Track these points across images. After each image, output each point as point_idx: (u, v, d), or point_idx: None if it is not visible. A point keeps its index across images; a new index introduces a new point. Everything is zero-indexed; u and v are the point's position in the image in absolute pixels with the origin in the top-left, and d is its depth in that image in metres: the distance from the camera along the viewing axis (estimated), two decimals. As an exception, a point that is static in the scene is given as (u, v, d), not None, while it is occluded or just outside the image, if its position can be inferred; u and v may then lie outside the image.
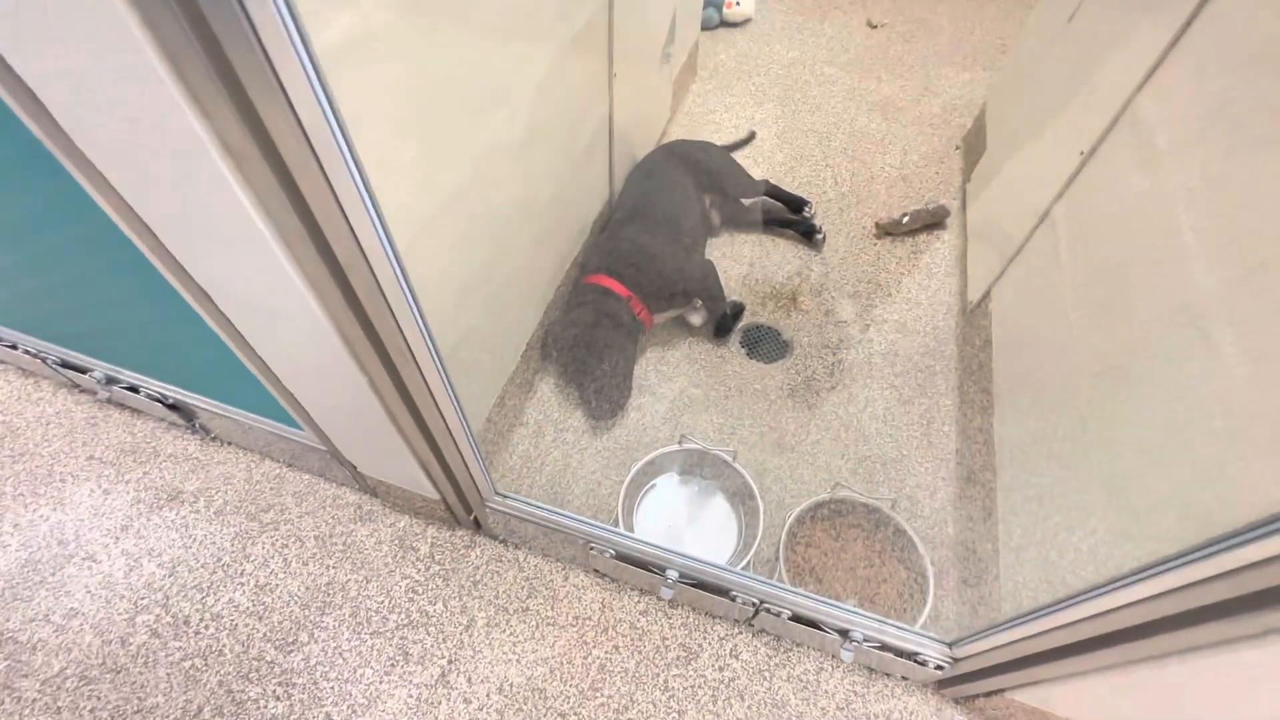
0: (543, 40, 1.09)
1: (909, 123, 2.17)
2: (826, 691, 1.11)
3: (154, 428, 1.42)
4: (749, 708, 1.09)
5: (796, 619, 0.99)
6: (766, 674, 1.12)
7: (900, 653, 0.97)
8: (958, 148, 2.08)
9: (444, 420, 0.89)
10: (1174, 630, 0.62)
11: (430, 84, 0.80)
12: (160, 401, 1.26)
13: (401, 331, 0.69)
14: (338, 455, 1.15)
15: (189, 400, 1.26)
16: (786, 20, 2.60)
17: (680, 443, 1.20)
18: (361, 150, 0.52)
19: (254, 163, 0.50)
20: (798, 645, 1.15)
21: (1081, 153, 1.17)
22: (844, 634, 0.98)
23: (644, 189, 1.63)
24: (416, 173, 0.82)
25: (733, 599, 1.01)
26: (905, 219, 1.78)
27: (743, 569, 1.03)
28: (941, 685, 1.08)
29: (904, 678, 1.09)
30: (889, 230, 1.81)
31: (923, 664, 0.95)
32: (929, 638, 0.95)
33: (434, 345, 0.76)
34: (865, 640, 0.96)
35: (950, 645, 0.94)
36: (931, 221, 1.81)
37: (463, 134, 0.92)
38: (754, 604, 1.00)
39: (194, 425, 1.36)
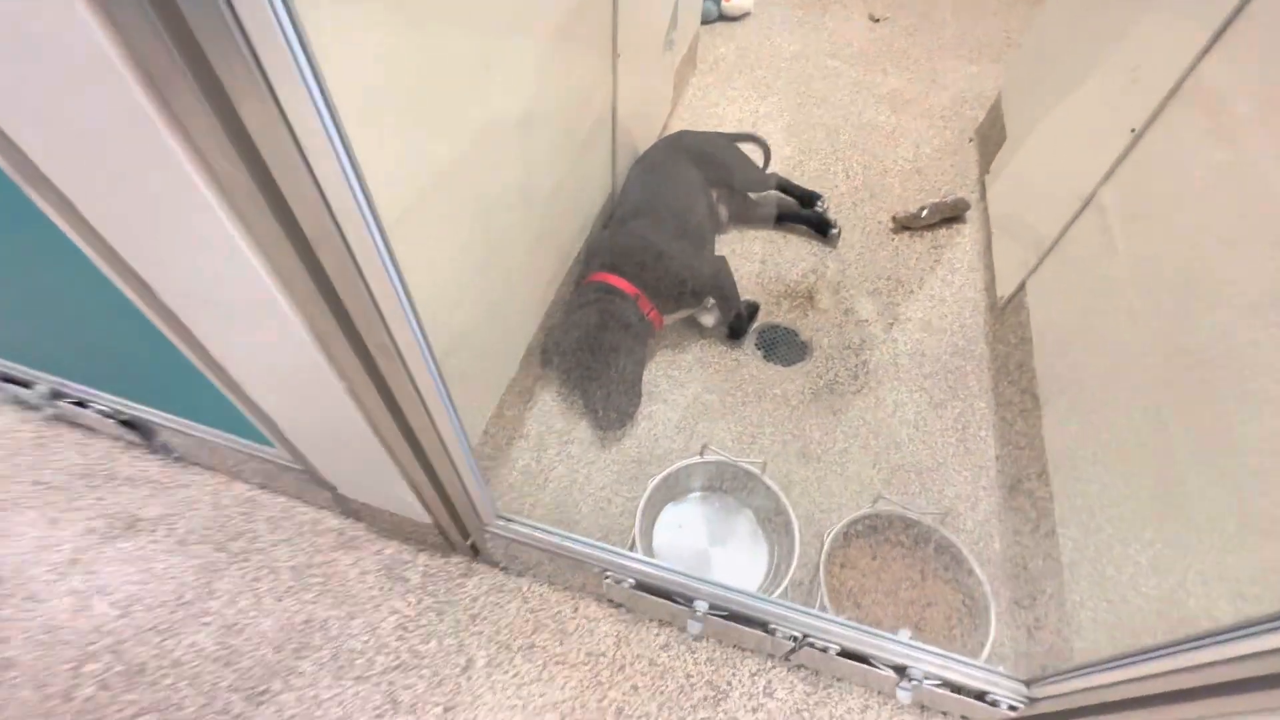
0: (544, 13, 0.97)
1: (918, 115, 2.08)
2: (874, 733, 0.98)
3: (109, 448, 1.27)
4: (788, 754, 0.96)
5: (845, 654, 0.87)
6: (805, 714, 0.99)
7: (966, 691, 0.84)
8: (971, 140, 1.99)
9: (437, 432, 0.76)
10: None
11: (422, 47, 0.68)
12: (112, 418, 1.12)
13: (385, 324, 0.57)
14: (315, 475, 1.01)
15: (145, 416, 1.11)
16: (786, 14, 2.52)
17: (702, 454, 1.08)
18: (339, 100, 0.40)
19: (183, 89, 0.37)
20: (839, 680, 1.02)
21: (1132, 130, 1.07)
22: (900, 671, 0.85)
23: (648, 182, 1.52)
24: (405, 138, 0.70)
25: (771, 632, 0.88)
26: (924, 212, 1.68)
27: (779, 596, 0.91)
28: (1003, 724, 0.95)
29: (963, 717, 0.97)
30: (907, 224, 1.71)
31: (992, 704, 0.83)
32: (1003, 676, 0.83)
33: (425, 341, 0.63)
34: (926, 678, 0.83)
35: (1028, 684, 0.82)
36: (951, 215, 1.72)
37: (458, 102, 0.79)
38: (795, 638, 0.87)
39: (154, 444, 1.22)
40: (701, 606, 0.89)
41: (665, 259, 1.34)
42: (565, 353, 1.29)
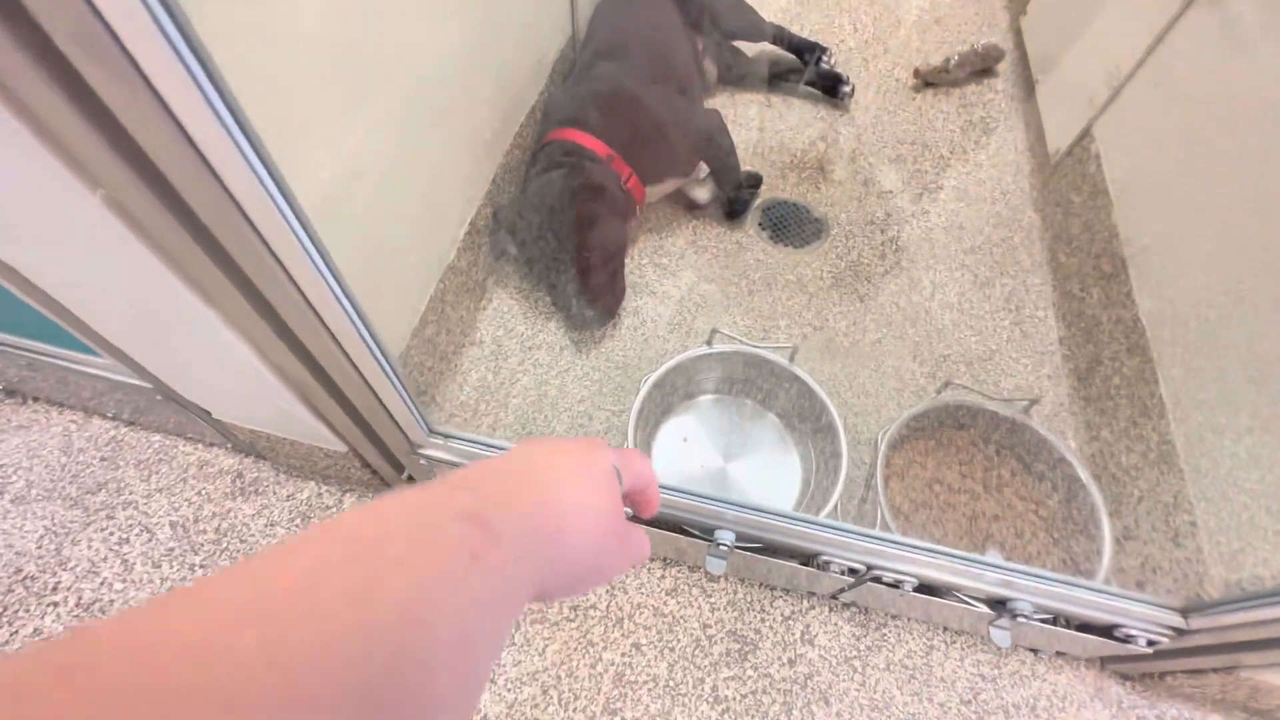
0: None
1: (932, -40, 1.75)
2: (944, 679, 0.77)
3: (-81, 385, 0.95)
4: (838, 714, 0.74)
5: (924, 589, 0.64)
6: (857, 663, 0.78)
7: (1091, 627, 0.63)
8: (997, -16, 1.68)
9: (329, 331, 0.48)
10: None
11: None
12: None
13: (221, 181, 0.28)
14: (173, 396, 0.72)
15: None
16: None
17: (710, 343, 0.82)
18: None
19: None
20: (894, 618, 0.81)
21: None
22: (999, 605, 0.63)
23: (619, 21, 1.19)
24: None
25: (821, 566, 0.64)
26: (952, 63, 1.39)
27: (827, 518, 0.67)
28: (1108, 661, 0.75)
29: (1059, 653, 0.76)
30: (932, 79, 1.42)
31: (1124, 640, 0.61)
32: (1151, 604, 0.61)
33: (283, 190, 0.34)
34: (1035, 613, 0.61)
35: (1184, 614, 0.60)
36: (982, 66, 1.43)
37: None
38: (855, 570, 0.64)
39: (-31, 374, 0.90)
40: (726, 538, 0.65)
41: (645, 108, 1.04)
42: (523, 235, 1.00)
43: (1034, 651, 0.78)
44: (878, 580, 0.64)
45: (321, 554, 0.18)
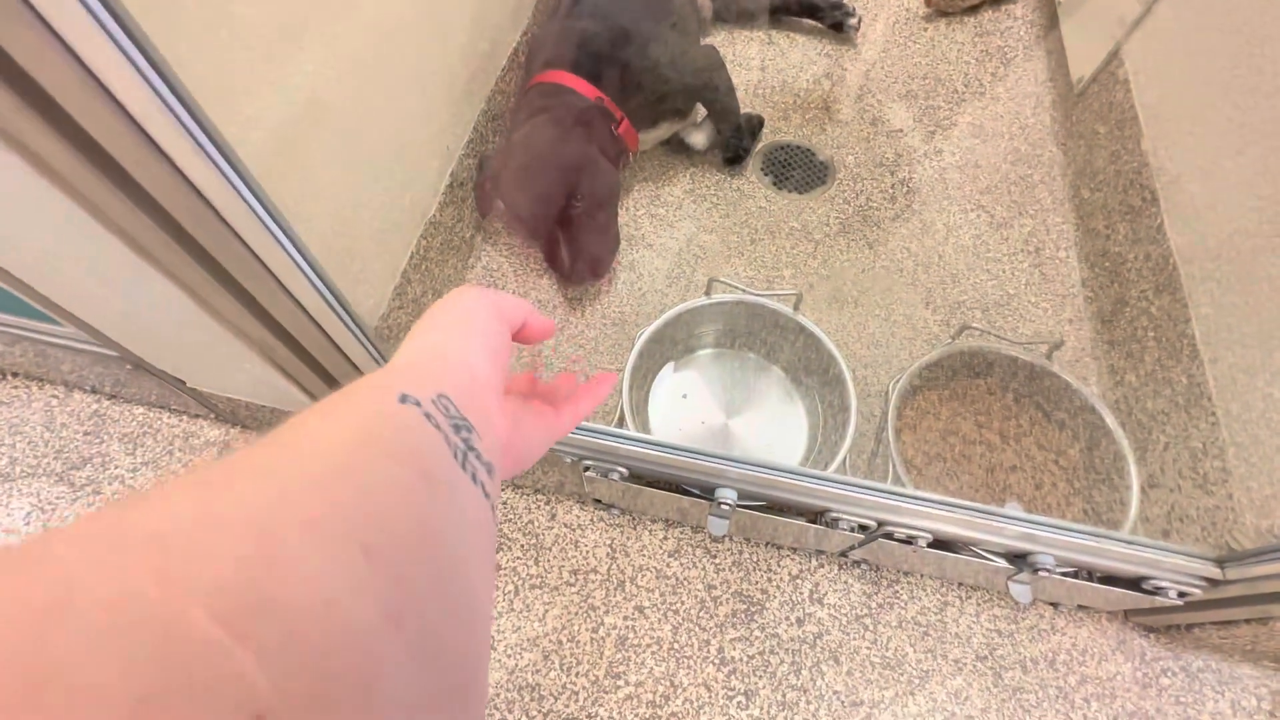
0: None
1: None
2: (958, 635, 0.75)
3: (-104, 363, 0.92)
4: (849, 673, 0.72)
5: (938, 544, 0.60)
6: (869, 621, 0.75)
7: (1117, 580, 0.59)
8: (1014, -98, 1.55)
9: (275, 279, 0.43)
10: None
11: None
12: None
13: (105, 90, 0.23)
14: (145, 365, 0.69)
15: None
16: None
17: (708, 293, 0.77)
18: None
19: None
20: (906, 575, 0.78)
21: None
22: (1019, 559, 0.59)
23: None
24: None
25: (830, 524, 0.61)
26: (966, -13, 1.30)
27: (835, 473, 0.63)
28: (1132, 613, 0.72)
29: (1080, 606, 0.73)
30: (944, 9, 1.32)
31: (1153, 592, 0.58)
32: (1182, 555, 0.57)
33: (208, 131, 0.30)
34: (1057, 567, 0.57)
35: (1220, 564, 0.56)
36: (999, -9, 1.33)
37: None
38: (866, 527, 0.60)
39: (-58, 350, 0.87)
40: (728, 496, 0.61)
41: (636, 46, 0.97)
42: (509, 186, 0.94)
43: (1053, 605, 0.75)
44: (889, 536, 0.60)
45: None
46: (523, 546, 0.79)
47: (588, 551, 0.79)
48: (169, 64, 0.31)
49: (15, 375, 0.91)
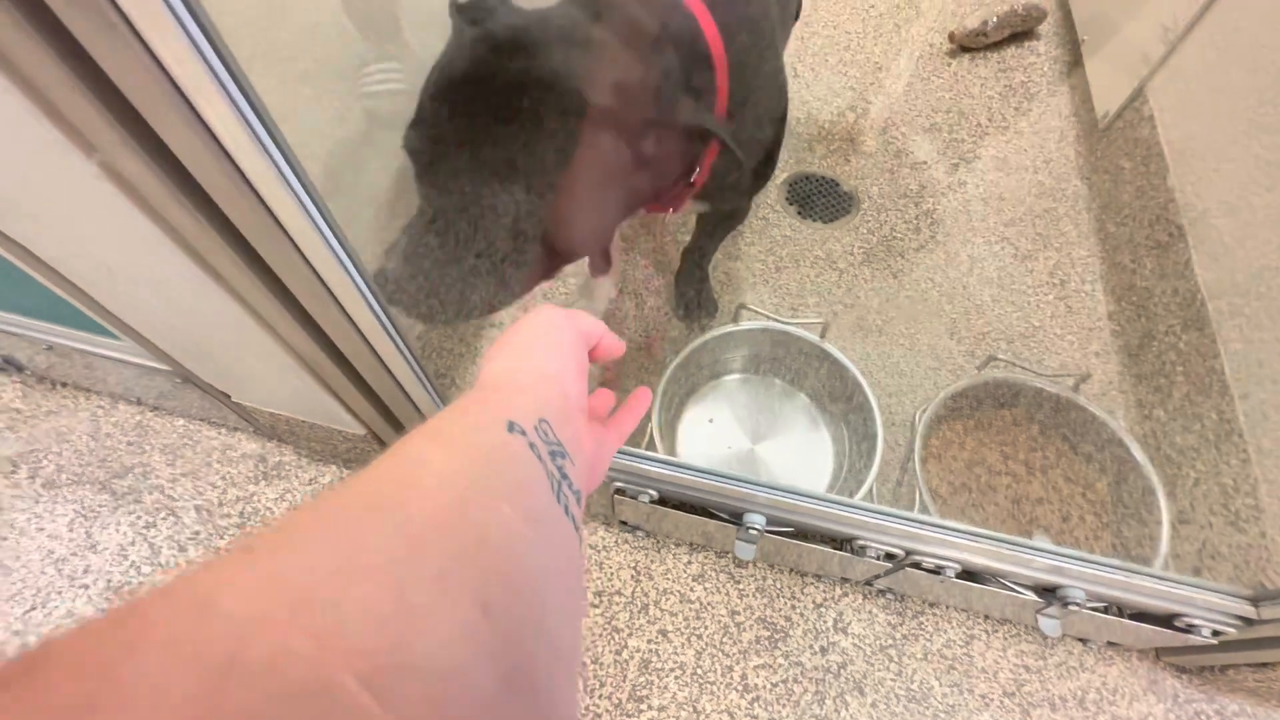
0: None
1: (967, -81, 1.66)
2: (985, 670, 0.74)
3: (-47, 372, 0.97)
4: (873, 705, 0.72)
5: (966, 575, 0.60)
6: (893, 652, 0.75)
7: (1149, 617, 0.59)
8: (1036, -57, 1.59)
9: (335, 299, 0.46)
10: None
11: None
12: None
13: (205, 124, 0.25)
14: (193, 379, 0.72)
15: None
16: None
17: (736, 319, 0.78)
18: None
19: None
20: (931, 606, 0.77)
21: None
22: (1047, 592, 0.59)
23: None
24: None
25: (858, 551, 0.61)
26: (990, 25, 1.32)
27: (862, 500, 0.63)
28: (1164, 652, 0.71)
29: (1110, 644, 0.72)
30: (967, 44, 1.35)
31: (1186, 630, 0.57)
32: (1216, 592, 0.57)
33: (289, 159, 0.32)
34: (1088, 601, 0.57)
35: (1255, 603, 0.56)
36: (1022, 28, 1.35)
37: None
38: (894, 555, 0.61)
39: (2, 362, 0.91)
40: (757, 521, 0.62)
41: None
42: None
43: (1082, 641, 0.74)
44: (917, 566, 0.61)
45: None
46: (548, 566, 0.80)
47: (612, 573, 0.79)
48: (257, 91, 0.34)
49: (64, 385, 0.95)
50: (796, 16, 0.85)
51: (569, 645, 0.17)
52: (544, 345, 0.26)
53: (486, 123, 0.43)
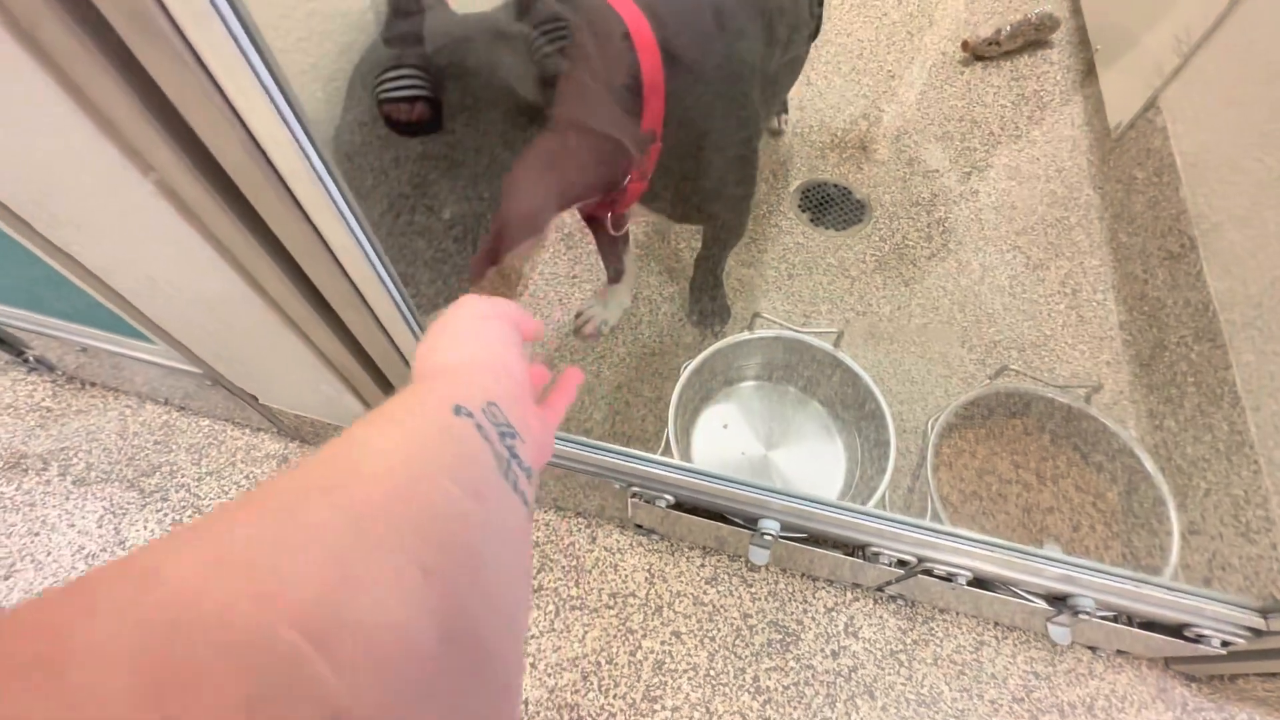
0: None
1: (981, -73, 1.67)
2: (994, 676, 0.75)
3: (-14, 371, 0.99)
4: (883, 709, 0.73)
5: (977, 582, 0.61)
6: (903, 657, 0.76)
7: (1158, 626, 0.60)
8: (1050, -49, 1.59)
9: (367, 305, 0.47)
10: None
11: None
12: (-44, 324, 0.84)
13: (246, 131, 0.27)
14: (222, 381, 0.74)
15: (7, 324, 0.83)
16: None
17: (751, 327, 0.80)
18: None
19: None
20: (941, 612, 0.78)
21: None
22: (1059, 601, 0.60)
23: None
24: None
25: (870, 558, 0.62)
26: (1003, 34, 1.33)
27: (875, 508, 0.65)
28: (1173, 661, 0.72)
29: (1119, 651, 0.73)
30: (981, 53, 1.35)
31: (1195, 640, 0.58)
32: (1226, 604, 0.57)
33: (332, 173, 0.34)
34: (1098, 610, 0.58)
35: (1264, 614, 0.57)
36: (1036, 38, 1.36)
37: None
38: (906, 562, 0.62)
39: (30, 361, 0.94)
40: (771, 527, 0.63)
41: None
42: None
43: (1091, 649, 0.75)
44: (929, 573, 0.62)
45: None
46: (564, 568, 0.81)
47: (626, 575, 0.81)
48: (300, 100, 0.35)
49: (94, 385, 0.97)
50: (814, 36, 0.86)
51: (512, 607, 0.18)
52: (480, 333, 0.27)
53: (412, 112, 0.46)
